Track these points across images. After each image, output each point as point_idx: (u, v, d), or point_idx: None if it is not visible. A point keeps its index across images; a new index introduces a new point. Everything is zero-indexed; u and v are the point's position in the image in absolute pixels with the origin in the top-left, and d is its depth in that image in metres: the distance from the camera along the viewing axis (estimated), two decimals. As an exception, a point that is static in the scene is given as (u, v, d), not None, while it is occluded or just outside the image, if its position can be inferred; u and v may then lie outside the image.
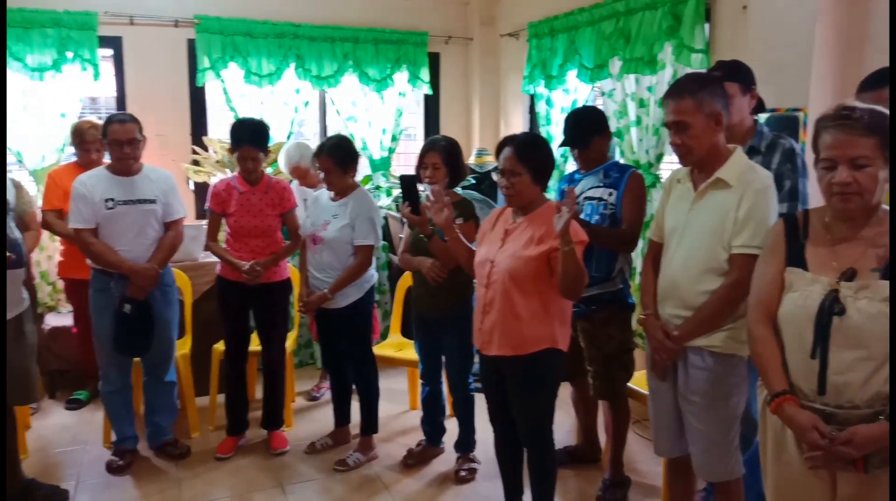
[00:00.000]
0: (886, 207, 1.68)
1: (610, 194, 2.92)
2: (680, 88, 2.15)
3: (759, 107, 2.68)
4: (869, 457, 1.58)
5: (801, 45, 2.84)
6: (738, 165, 2.15)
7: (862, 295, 1.60)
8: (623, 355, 2.95)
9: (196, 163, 4.63)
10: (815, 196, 2.54)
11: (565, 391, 3.46)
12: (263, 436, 3.59)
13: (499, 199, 4.03)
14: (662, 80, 3.70)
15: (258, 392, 3.67)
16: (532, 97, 4.93)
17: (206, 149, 4.70)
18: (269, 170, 3.74)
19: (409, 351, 3.76)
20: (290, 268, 3.61)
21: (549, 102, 4.68)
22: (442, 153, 3.07)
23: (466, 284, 3.04)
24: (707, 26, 3.43)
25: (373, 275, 3.35)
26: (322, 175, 3.27)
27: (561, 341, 2.46)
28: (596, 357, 2.96)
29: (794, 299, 1.71)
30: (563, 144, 3.08)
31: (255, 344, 3.57)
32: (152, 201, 3.16)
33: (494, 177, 4.14)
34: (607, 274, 2.93)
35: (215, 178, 4.39)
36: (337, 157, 3.20)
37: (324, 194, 3.36)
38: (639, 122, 3.89)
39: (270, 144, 4.71)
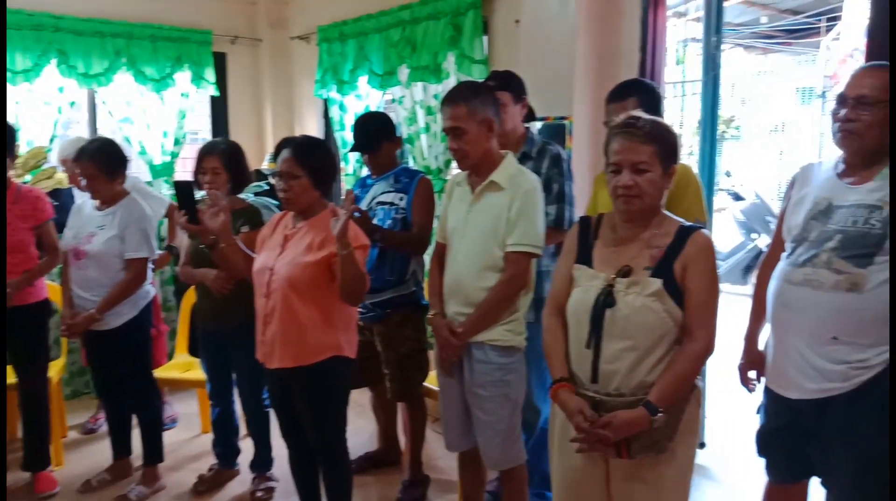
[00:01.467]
0: (668, 212, 1.85)
1: (401, 199, 2.96)
2: (454, 96, 2.24)
3: (531, 115, 2.87)
4: (632, 442, 1.73)
5: (565, 59, 3.09)
6: (509, 168, 2.28)
7: (632, 290, 1.74)
8: (418, 355, 3.01)
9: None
10: (580, 198, 2.79)
11: (365, 397, 3.47)
12: (27, 479, 3.16)
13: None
14: (448, 88, 3.82)
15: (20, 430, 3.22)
16: (326, 102, 4.87)
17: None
18: (27, 177, 3.32)
19: (198, 371, 3.53)
20: (50, 287, 3.22)
21: (342, 107, 4.66)
22: (222, 157, 2.91)
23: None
24: (486, 38, 3.61)
25: (149, 291, 3.09)
26: (84, 182, 2.96)
27: (347, 348, 2.43)
28: (392, 360, 2.99)
29: (577, 294, 1.84)
30: (352, 149, 3.08)
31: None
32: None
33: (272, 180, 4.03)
34: (401, 277, 2.96)
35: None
36: (100, 162, 2.90)
37: (88, 203, 3.04)
38: (427, 128, 3.99)
39: (29, 147, 4.22)
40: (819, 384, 1.91)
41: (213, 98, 5.23)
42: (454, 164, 3.92)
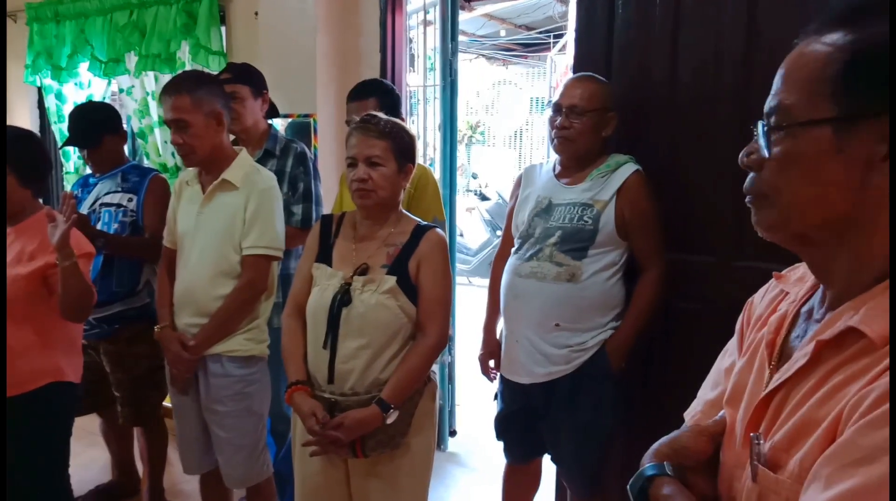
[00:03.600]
0: (407, 212, 1.86)
1: (130, 200, 2.66)
2: (177, 85, 2.05)
3: (273, 111, 2.74)
4: (366, 441, 1.71)
5: (307, 55, 3.01)
6: (244, 166, 2.15)
7: (367, 288, 1.72)
8: (154, 374, 2.72)
9: None
10: (327, 198, 2.73)
11: (94, 424, 3.07)
12: None
13: None
14: (184, 79, 3.55)
15: None
16: (40, 90, 4.25)
17: None
18: None
19: None
20: None
21: (59, 96, 4.09)
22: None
23: None
24: (224, 29, 3.40)
25: None
26: None
27: (69, 371, 2.13)
28: (123, 381, 2.67)
29: (315, 293, 1.78)
30: (66, 143, 2.70)
31: None
32: None
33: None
34: (132, 288, 2.66)
35: None
36: None
37: None
38: (161, 122, 3.65)
39: None
40: (546, 368, 2.07)
41: None
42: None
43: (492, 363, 2.31)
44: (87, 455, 3.27)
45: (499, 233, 7.63)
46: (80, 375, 2.19)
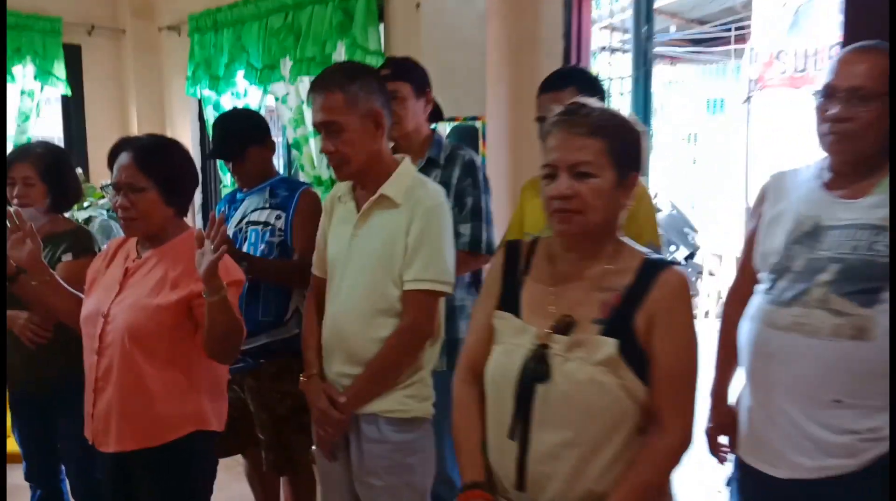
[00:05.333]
0: (628, 240, 1.33)
1: (278, 218, 2.36)
2: (327, 81, 1.68)
3: (437, 114, 2.33)
4: None
5: (475, 50, 2.58)
6: (406, 178, 1.72)
7: (574, 354, 1.21)
8: (300, 415, 2.38)
9: None
10: (496, 215, 2.27)
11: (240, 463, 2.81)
12: None
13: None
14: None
15: None
16: (200, 102, 4.19)
17: None
18: None
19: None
20: None
21: (217, 107, 3.99)
22: (36, 164, 2.23)
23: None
24: (382, 27, 3.07)
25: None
26: None
27: (214, 418, 1.83)
28: (267, 423, 2.36)
29: (498, 355, 1.30)
30: (212, 155, 2.45)
31: None
32: None
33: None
34: (279, 318, 2.35)
35: None
36: None
37: None
38: (317, 132, 3.39)
39: None
40: (818, 461, 1.46)
41: (64, 98, 4.43)
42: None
43: (724, 439, 1.73)
44: (234, 491, 3.04)
45: (672, 249, 6.84)
46: (224, 421, 1.89)
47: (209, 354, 1.74)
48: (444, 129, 2.72)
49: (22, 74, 4.13)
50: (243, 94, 3.87)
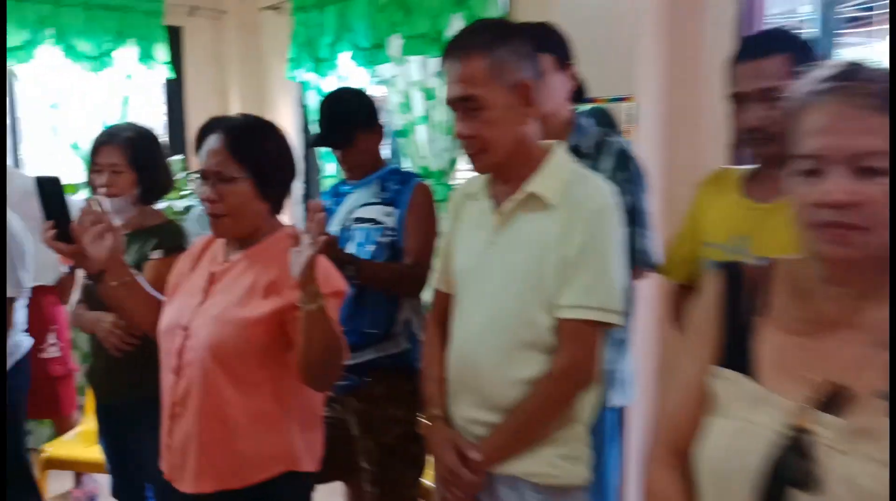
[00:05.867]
0: None
1: (388, 215, 2.04)
2: (467, 42, 1.31)
3: (580, 93, 1.93)
4: None
5: (621, 16, 2.15)
6: (561, 171, 1.34)
7: (858, 448, 0.80)
8: (410, 444, 2.06)
9: None
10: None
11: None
12: None
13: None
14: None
15: None
16: (302, 86, 3.94)
17: None
18: None
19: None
20: None
21: (320, 92, 3.72)
22: (125, 149, 2.00)
23: None
24: (506, -5, 2.68)
25: (18, 343, 2.15)
26: None
27: (305, 457, 1.53)
28: (371, 450, 2.05)
29: (723, 434, 0.90)
30: (316, 143, 2.15)
31: None
32: None
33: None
34: (387, 329, 2.04)
35: None
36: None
37: None
38: (426, 118, 3.06)
39: None
40: None
41: (168, 81, 4.29)
42: (462, 165, 3.05)
43: None
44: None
45: None
46: (318, 458, 1.59)
47: (304, 379, 1.44)
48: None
49: (124, 58, 4.02)
50: (347, 78, 3.59)
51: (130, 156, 2.00)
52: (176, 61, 4.23)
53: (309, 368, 1.40)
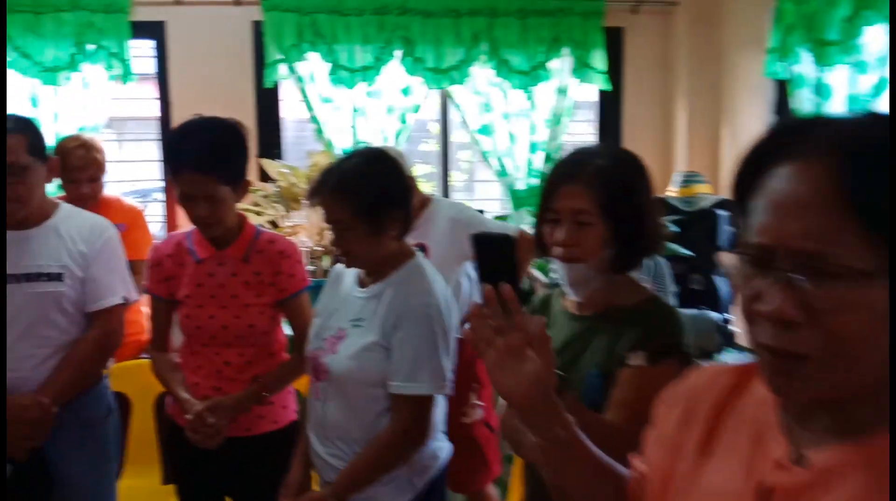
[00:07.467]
0: None
1: None
2: None
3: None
4: None
5: None
6: None
7: None
8: None
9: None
10: None
11: None
12: None
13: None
14: None
15: None
16: (783, 84, 2.88)
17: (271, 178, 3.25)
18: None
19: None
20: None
21: (821, 91, 2.61)
22: (596, 189, 1.25)
23: None
24: None
25: (438, 449, 1.56)
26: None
27: None
28: None
29: None
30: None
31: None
32: (55, 276, 1.71)
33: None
34: None
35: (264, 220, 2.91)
36: (358, 196, 1.46)
37: (349, 271, 1.63)
38: None
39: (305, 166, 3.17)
40: None
41: (601, 94, 3.65)
42: None
43: None
44: None
45: None
46: None
47: None
48: None
49: (556, 69, 3.48)
50: (873, 67, 2.42)
51: (603, 198, 1.24)
52: (613, 71, 3.54)
53: None
